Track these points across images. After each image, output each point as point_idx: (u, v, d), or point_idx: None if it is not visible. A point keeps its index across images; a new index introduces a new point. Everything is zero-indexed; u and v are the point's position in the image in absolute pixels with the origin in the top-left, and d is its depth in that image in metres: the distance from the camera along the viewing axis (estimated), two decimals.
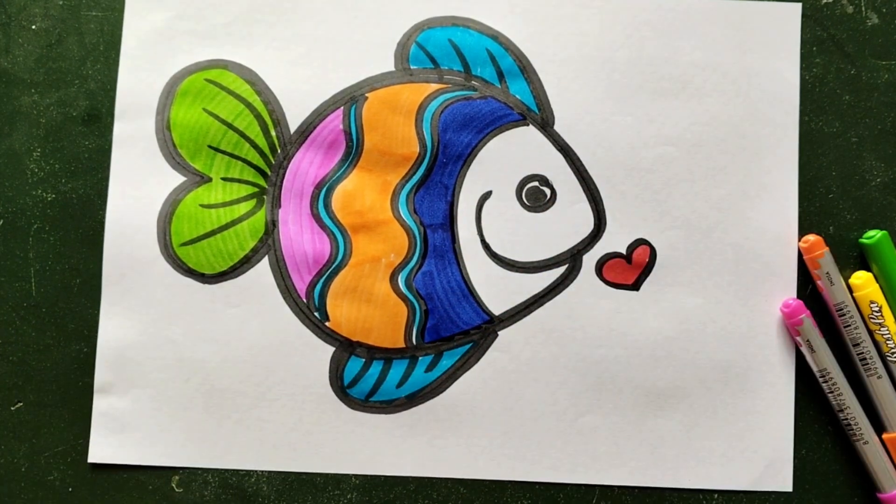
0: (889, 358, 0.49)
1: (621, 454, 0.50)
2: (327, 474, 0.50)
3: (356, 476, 0.50)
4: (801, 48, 0.52)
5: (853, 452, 0.50)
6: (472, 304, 0.51)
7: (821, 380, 0.49)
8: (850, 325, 0.50)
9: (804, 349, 0.49)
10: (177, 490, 0.50)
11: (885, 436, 0.49)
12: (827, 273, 0.50)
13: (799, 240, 0.51)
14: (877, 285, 0.50)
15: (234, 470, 0.50)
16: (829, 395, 0.49)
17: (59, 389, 0.50)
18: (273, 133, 0.51)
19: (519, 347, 0.51)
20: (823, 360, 0.49)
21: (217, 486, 0.50)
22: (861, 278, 0.50)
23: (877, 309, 0.49)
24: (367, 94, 0.51)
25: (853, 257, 0.52)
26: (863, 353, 0.49)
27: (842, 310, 0.50)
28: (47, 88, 0.51)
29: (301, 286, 0.50)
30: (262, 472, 0.50)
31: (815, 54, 0.52)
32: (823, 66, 0.52)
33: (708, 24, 0.52)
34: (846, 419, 0.49)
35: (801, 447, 0.50)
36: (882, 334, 0.49)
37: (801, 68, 0.52)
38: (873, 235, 0.50)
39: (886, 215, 0.52)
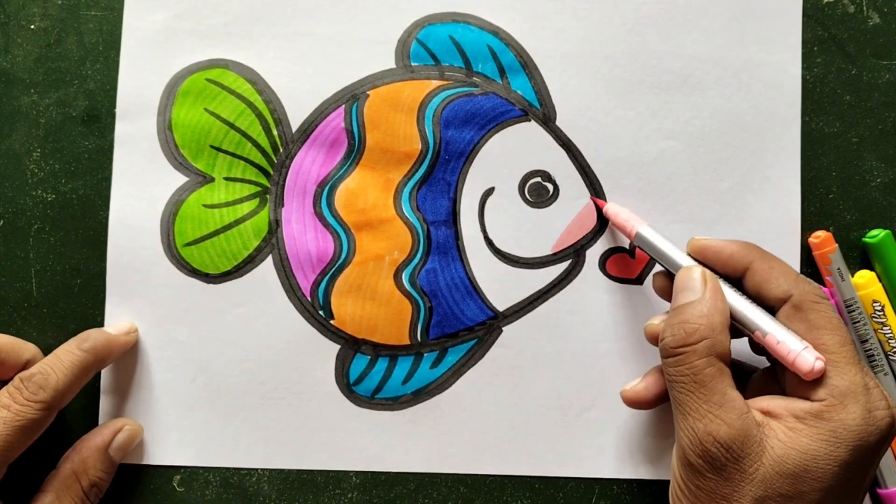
0: (891, 356, 0.51)
1: (627, 448, 0.52)
2: (328, 474, 0.52)
3: (357, 475, 0.52)
4: (802, 48, 0.53)
5: None
6: (476, 300, 0.52)
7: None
8: (858, 322, 0.51)
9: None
10: (178, 489, 0.52)
11: None
12: (838, 269, 0.51)
13: (803, 235, 0.53)
14: (879, 284, 0.52)
15: (235, 469, 0.52)
16: None
17: None
18: (275, 132, 0.52)
19: (523, 343, 0.52)
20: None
21: (218, 485, 0.52)
22: (864, 277, 0.52)
23: (879, 308, 0.51)
24: (368, 92, 0.52)
25: (853, 258, 0.53)
26: (871, 349, 0.51)
27: (851, 306, 0.51)
28: (47, 88, 0.52)
29: (305, 285, 0.52)
30: (264, 471, 0.52)
31: (816, 54, 0.53)
32: (824, 65, 0.54)
33: (708, 17, 0.53)
34: None
35: None
36: (884, 333, 0.51)
37: (802, 68, 0.53)
38: (877, 235, 0.52)
39: (887, 216, 0.53)
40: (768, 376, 0.47)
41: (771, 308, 0.45)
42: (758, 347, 0.47)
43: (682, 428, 0.42)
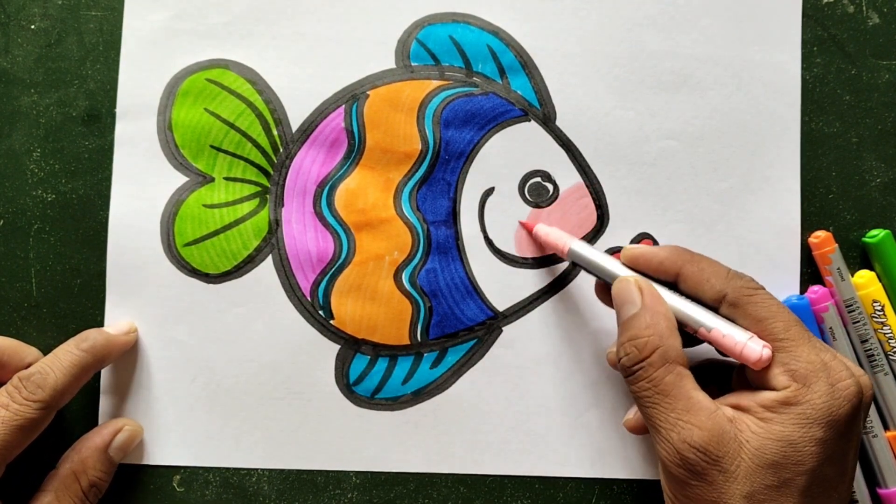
0: (891, 356, 0.51)
1: (626, 448, 0.52)
2: (328, 474, 0.52)
3: (356, 475, 0.52)
4: (802, 48, 0.54)
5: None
6: (476, 300, 0.52)
7: None
8: (858, 322, 0.51)
9: (826, 337, 0.51)
10: (178, 490, 0.52)
11: (888, 434, 0.51)
12: (838, 269, 0.51)
13: (803, 235, 0.53)
14: (879, 284, 0.52)
15: (234, 469, 0.52)
16: None
17: None
18: (275, 132, 0.52)
19: (523, 343, 0.52)
20: (844, 349, 0.51)
21: (218, 485, 0.52)
22: (864, 277, 0.52)
23: (879, 308, 0.51)
24: (368, 92, 0.52)
25: (853, 257, 0.53)
26: (871, 349, 0.51)
27: (851, 306, 0.51)
28: (47, 88, 0.52)
29: (305, 285, 0.52)
30: (264, 471, 0.52)
31: (816, 54, 0.54)
32: (824, 65, 0.54)
33: (708, 17, 0.53)
34: None
35: None
36: (884, 333, 0.51)
37: (802, 68, 0.53)
38: (876, 234, 0.52)
39: (886, 215, 0.53)
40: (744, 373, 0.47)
41: (710, 309, 0.45)
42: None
43: (658, 442, 0.42)
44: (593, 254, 0.48)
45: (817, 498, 0.41)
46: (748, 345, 0.42)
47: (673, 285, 0.46)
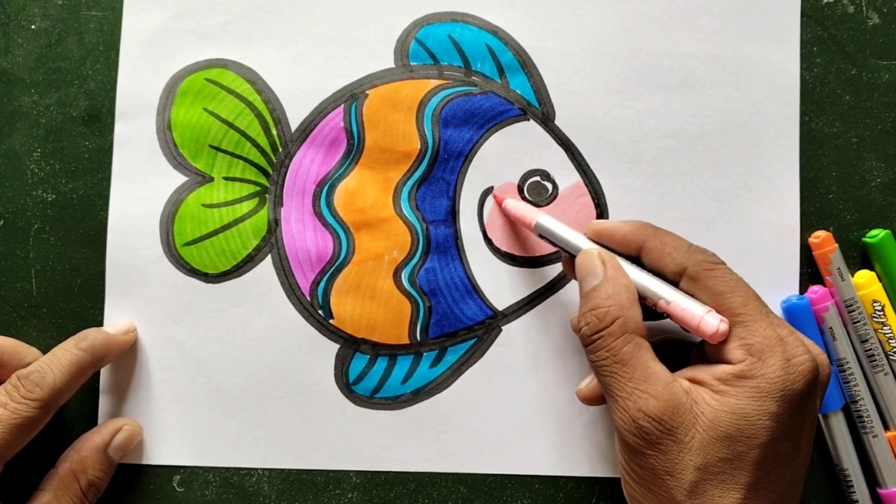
0: (891, 356, 0.51)
1: None
2: (328, 474, 0.52)
3: (357, 475, 0.52)
4: (802, 48, 0.53)
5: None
6: (476, 299, 0.52)
7: (838, 369, 0.51)
8: (858, 322, 0.51)
9: (826, 337, 0.51)
10: (178, 490, 0.52)
11: (888, 434, 0.51)
12: (838, 269, 0.51)
13: (803, 235, 0.53)
14: (879, 284, 0.52)
15: (235, 469, 0.52)
16: (845, 385, 0.51)
17: None
18: (274, 132, 0.52)
19: (522, 342, 0.52)
20: (844, 349, 0.51)
21: (218, 485, 0.52)
22: (864, 277, 0.52)
23: (879, 308, 0.51)
24: (367, 92, 0.52)
25: (853, 258, 0.53)
26: (871, 349, 0.51)
27: (851, 306, 0.51)
28: (47, 88, 0.52)
29: (305, 284, 0.52)
30: (264, 471, 0.52)
31: (816, 54, 0.54)
32: (824, 66, 0.54)
33: (707, 16, 0.53)
34: (858, 410, 0.51)
35: None
36: (884, 333, 0.51)
37: (802, 68, 0.53)
38: (876, 234, 0.52)
39: (886, 215, 0.53)
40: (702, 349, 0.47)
41: (671, 283, 0.45)
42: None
43: (614, 411, 0.43)
44: (560, 228, 0.48)
45: (770, 473, 0.41)
46: (705, 318, 0.42)
47: (636, 260, 0.46)
